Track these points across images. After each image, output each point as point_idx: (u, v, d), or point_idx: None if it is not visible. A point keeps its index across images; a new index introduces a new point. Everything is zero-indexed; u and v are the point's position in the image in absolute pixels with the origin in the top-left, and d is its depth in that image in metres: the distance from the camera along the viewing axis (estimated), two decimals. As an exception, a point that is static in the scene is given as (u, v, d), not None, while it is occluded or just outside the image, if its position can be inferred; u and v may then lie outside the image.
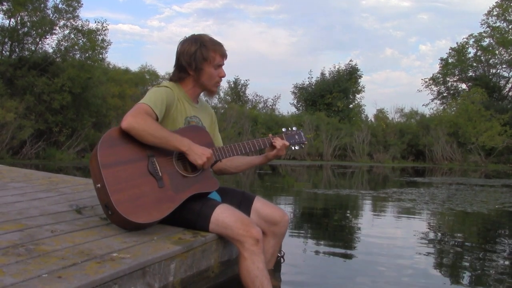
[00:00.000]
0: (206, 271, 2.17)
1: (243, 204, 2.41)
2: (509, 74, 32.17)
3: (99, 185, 2.02)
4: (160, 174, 2.11)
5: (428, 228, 4.85)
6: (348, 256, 3.40)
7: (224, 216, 2.12)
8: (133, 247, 1.88)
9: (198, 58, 2.33)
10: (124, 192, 1.99)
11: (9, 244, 1.81)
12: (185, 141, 2.15)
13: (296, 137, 2.59)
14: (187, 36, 2.44)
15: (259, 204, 2.43)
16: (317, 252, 3.49)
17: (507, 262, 3.36)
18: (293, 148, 2.58)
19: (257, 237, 2.04)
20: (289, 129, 2.62)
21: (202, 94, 2.52)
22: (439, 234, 4.50)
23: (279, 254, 2.71)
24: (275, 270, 2.57)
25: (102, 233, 2.10)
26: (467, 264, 3.31)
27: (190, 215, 2.20)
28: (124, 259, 1.72)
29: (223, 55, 2.41)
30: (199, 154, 2.15)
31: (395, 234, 4.36)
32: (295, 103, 33.11)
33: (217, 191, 2.40)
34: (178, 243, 2.00)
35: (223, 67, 2.44)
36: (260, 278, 2.00)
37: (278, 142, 2.46)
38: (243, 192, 2.51)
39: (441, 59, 33.28)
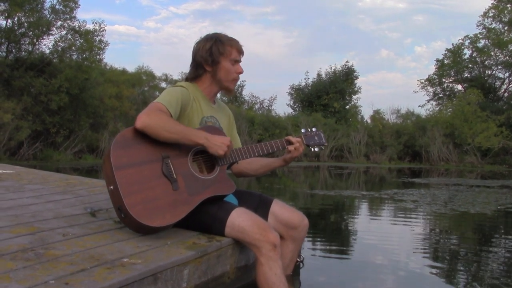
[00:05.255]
0: (221, 277, 2.11)
1: (261, 207, 2.34)
2: (504, 75, 32.30)
3: (112, 187, 1.97)
4: (175, 176, 2.05)
5: (438, 230, 4.85)
6: (370, 261, 3.35)
7: (240, 220, 2.07)
8: (145, 252, 1.84)
9: (214, 52, 2.29)
10: (137, 194, 1.95)
11: (18, 248, 1.78)
12: (202, 134, 2.11)
13: (316, 138, 2.51)
14: (202, 36, 2.40)
15: (277, 208, 2.36)
16: (337, 257, 3.42)
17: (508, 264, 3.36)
18: (312, 149, 2.50)
19: (275, 242, 1.99)
20: (308, 130, 2.53)
21: (219, 94, 2.48)
22: (450, 235, 4.49)
23: (298, 259, 2.65)
24: (294, 275, 2.50)
25: (115, 237, 2.06)
26: (475, 265, 3.29)
27: (205, 219, 2.15)
28: (135, 264, 1.68)
29: (240, 51, 2.36)
30: (218, 144, 2.11)
31: (411, 237, 4.32)
32: (291, 104, 33.12)
33: (234, 194, 2.35)
34: (192, 248, 1.95)
35: (241, 64, 2.39)
36: (278, 285, 1.96)
37: (293, 141, 2.39)
38: (261, 194, 2.44)
39: (437, 60, 33.35)
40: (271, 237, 2.00)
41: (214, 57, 2.30)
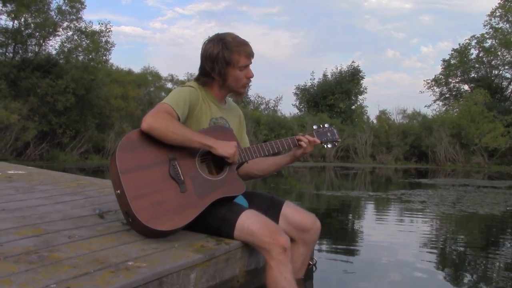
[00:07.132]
0: (230, 281, 2.07)
1: (271, 209, 2.28)
2: (511, 75, 32.09)
3: (118, 191, 1.94)
4: (182, 178, 2.01)
5: (446, 230, 4.81)
6: (378, 262, 3.31)
7: (250, 222, 2.01)
8: (151, 255, 1.80)
9: (220, 62, 2.20)
10: (144, 198, 1.91)
11: (23, 251, 1.75)
12: (209, 137, 2.06)
13: (328, 134, 2.45)
14: (210, 36, 2.31)
15: (289, 210, 2.29)
16: (350, 260, 3.35)
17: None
18: (325, 146, 2.43)
19: (285, 245, 1.93)
20: (321, 126, 2.46)
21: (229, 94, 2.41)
22: (459, 236, 4.45)
23: (310, 262, 2.58)
24: (306, 279, 2.45)
25: (121, 239, 2.03)
26: (483, 266, 3.25)
27: (214, 221, 2.10)
28: (140, 268, 1.64)
29: (249, 55, 2.25)
30: (225, 146, 2.06)
31: (420, 238, 4.29)
32: (297, 105, 33.03)
33: (244, 196, 2.29)
34: (199, 251, 1.91)
35: (251, 66, 2.30)
36: None
37: (304, 140, 2.34)
38: (272, 196, 2.38)
39: (443, 60, 33.17)
40: (282, 240, 1.94)
41: (221, 68, 2.21)
